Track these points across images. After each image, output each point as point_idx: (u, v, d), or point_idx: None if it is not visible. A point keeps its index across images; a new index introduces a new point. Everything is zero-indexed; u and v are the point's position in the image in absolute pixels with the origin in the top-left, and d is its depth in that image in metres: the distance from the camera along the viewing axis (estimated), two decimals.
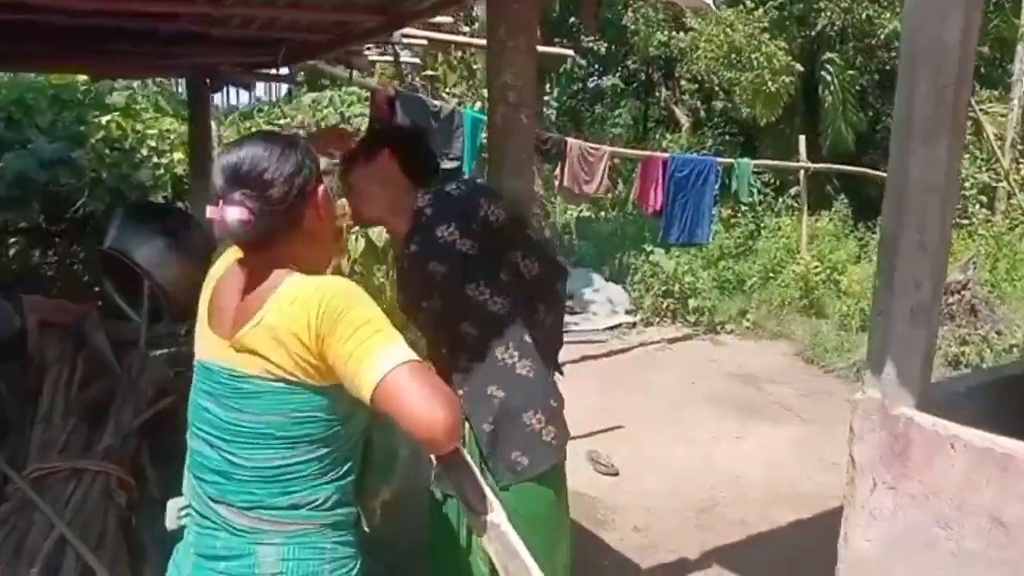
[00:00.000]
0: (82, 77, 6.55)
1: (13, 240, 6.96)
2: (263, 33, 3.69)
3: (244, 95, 12.60)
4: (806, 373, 7.00)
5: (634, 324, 8.44)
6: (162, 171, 6.86)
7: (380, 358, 1.28)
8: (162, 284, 3.51)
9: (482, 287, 2.00)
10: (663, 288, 8.70)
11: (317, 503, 1.40)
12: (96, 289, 5.38)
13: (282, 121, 8.92)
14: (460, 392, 2.00)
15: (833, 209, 10.80)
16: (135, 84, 7.72)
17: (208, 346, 1.46)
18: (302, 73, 7.03)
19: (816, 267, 8.82)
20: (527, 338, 2.05)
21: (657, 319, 8.60)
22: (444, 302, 2.04)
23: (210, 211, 1.36)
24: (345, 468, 1.44)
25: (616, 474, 4.68)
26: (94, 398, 3.06)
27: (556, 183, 7.13)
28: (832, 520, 1.85)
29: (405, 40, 5.31)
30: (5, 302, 3.77)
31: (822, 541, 1.92)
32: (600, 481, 4.59)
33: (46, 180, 6.10)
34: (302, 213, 1.41)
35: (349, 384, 1.32)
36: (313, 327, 1.31)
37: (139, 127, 6.90)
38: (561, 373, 2.34)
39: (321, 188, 1.45)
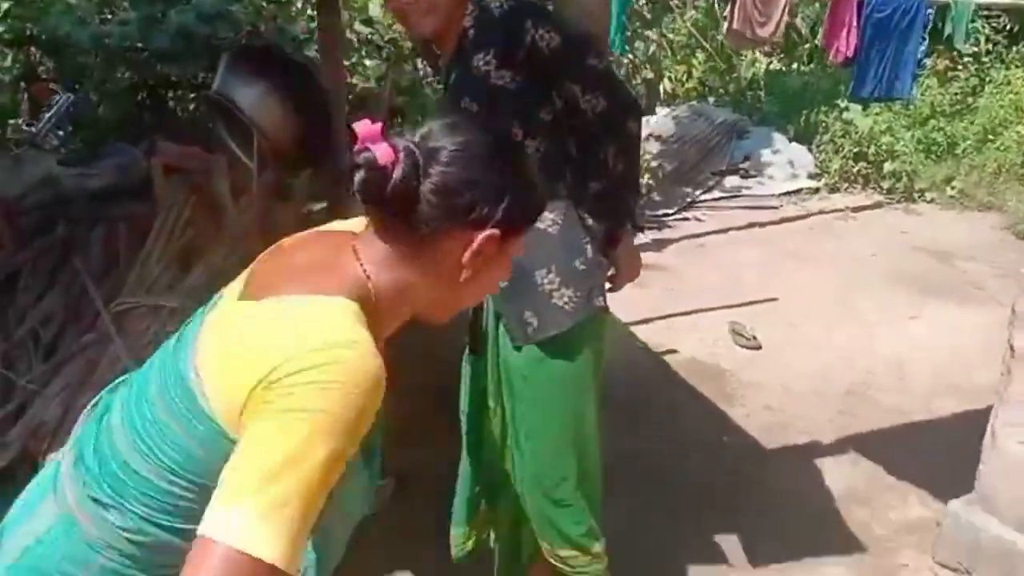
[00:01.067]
0: None
1: (193, 96, 7.29)
2: None
3: None
4: (1015, 251, 5.97)
5: (816, 190, 7.58)
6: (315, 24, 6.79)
7: (226, 509, 0.85)
8: (264, 129, 3.43)
9: (515, 128, 1.73)
10: (855, 150, 7.68)
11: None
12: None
13: None
14: None
15: None
16: None
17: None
18: None
19: None
20: (561, 188, 1.79)
21: (845, 185, 7.65)
22: None
23: (359, 125, 1.01)
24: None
25: (758, 348, 4.24)
26: (192, 242, 3.07)
27: (725, 26, 6.32)
28: None
29: None
30: (134, 148, 3.90)
31: None
32: (738, 355, 4.18)
33: (207, 34, 6.22)
34: (441, 238, 1.03)
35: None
36: (263, 381, 0.91)
37: None
38: (639, 229, 2.10)
39: (491, 234, 1.03)
